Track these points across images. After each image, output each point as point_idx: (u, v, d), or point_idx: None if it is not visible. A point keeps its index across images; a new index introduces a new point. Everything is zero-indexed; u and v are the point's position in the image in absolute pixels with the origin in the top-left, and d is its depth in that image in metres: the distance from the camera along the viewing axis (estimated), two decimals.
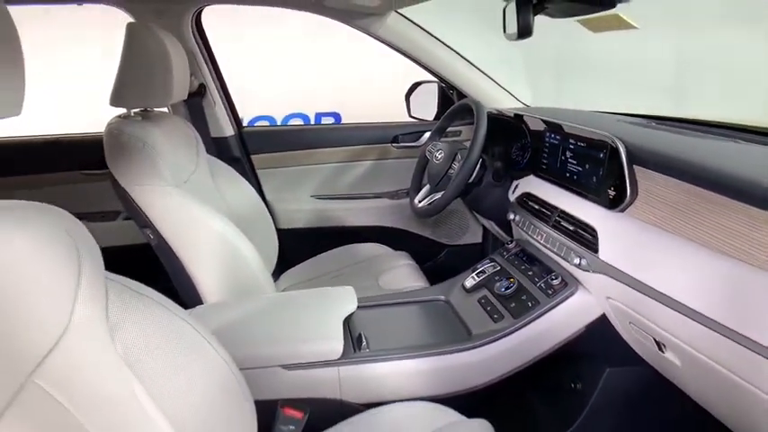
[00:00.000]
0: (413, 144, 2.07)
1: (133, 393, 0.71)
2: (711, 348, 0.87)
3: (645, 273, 1.00)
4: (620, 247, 1.08)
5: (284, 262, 1.93)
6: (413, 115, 2.07)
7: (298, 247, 1.99)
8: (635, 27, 1.12)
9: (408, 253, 1.91)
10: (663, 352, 1.02)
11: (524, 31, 1.06)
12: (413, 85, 2.06)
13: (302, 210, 2.08)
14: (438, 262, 2.16)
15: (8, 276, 0.60)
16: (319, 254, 1.95)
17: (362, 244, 1.95)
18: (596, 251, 1.12)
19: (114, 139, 1.31)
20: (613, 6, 1.04)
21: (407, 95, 2.07)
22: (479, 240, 2.17)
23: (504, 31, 1.22)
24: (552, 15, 1.17)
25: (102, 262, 0.75)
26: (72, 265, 0.66)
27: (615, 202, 1.10)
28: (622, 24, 1.12)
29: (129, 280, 0.79)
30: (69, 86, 2.97)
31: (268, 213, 1.89)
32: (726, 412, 0.97)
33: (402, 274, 1.74)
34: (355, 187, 2.11)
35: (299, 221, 2.07)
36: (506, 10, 1.19)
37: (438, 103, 2.05)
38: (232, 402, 0.89)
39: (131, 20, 1.72)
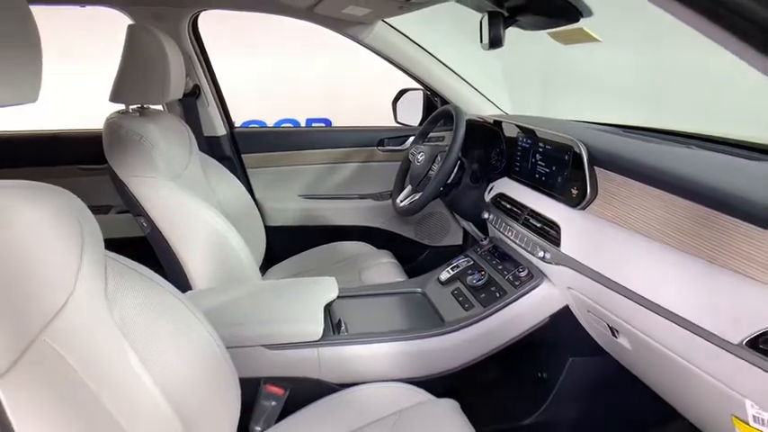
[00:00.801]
0: (398, 148, 2.17)
1: (126, 358, 0.79)
2: (659, 332, 0.96)
3: (601, 264, 1.09)
4: (579, 241, 1.18)
5: (271, 257, 2.01)
6: (399, 121, 2.16)
7: (284, 244, 2.07)
8: (598, 40, 1.22)
9: (391, 252, 2.00)
10: (616, 337, 1.11)
11: (495, 42, 1.16)
12: (399, 92, 2.16)
13: (290, 208, 2.16)
14: (419, 262, 2.24)
15: (19, 246, 0.68)
16: (305, 250, 2.03)
17: (347, 242, 2.04)
18: (559, 245, 1.21)
19: (113, 133, 1.39)
20: (577, 21, 1.15)
21: (394, 102, 2.17)
22: (460, 242, 2.25)
23: (481, 41, 1.32)
24: (524, 28, 1.28)
25: (103, 241, 0.83)
26: (76, 241, 0.75)
27: (577, 201, 1.19)
28: (586, 37, 1.23)
29: (127, 259, 0.88)
30: None
31: (257, 210, 1.97)
32: (670, 393, 1.06)
33: (383, 270, 1.82)
34: (341, 188, 2.20)
35: (286, 219, 2.15)
36: (482, 22, 1.29)
37: (423, 109, 2.15)
38: (218, 376, 0.97)
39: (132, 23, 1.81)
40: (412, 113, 2.15)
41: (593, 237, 1.15)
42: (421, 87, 2.11)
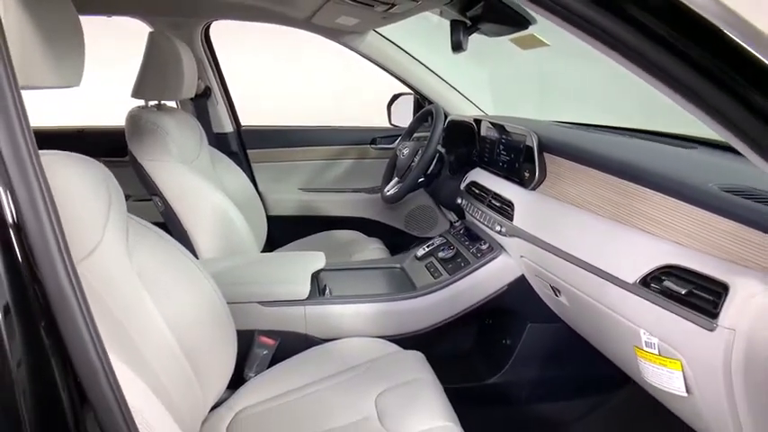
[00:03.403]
0: (388, 146, 2.37)
1: (144, 302, 0.97)
2: (585, 284, 1.14)
3: (544, 233, 1.28)
4: (528, 216, 1.37)
5: (272, 244, 2.21)
6: (393, 123, 2.36)
7: (284, 232, 2.27)
8: (547, 44, 1.41)
9: (381, 241, 2.19)
10: (558, 296, 1.30)
11: (457, 46, 1.36)
12: (393, 96, 2.36)
13: (290, 199, 2.37)
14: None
15: (67, 196, 0.87)
16: (302, 238, 2.23)
17: (341, 231, 2.24)
18: (512, 219, 1.40)
19: (134, 123, 1.62)
20: (527, 27, 1.35)
21: (389, 105, 2.37)
22: None
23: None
24: (486, 34, 1.48)
25: (125, 203, 1.03)
26: (104, 199, 0.95)
27: (529, 182, 1.39)
28: (538, 42, 1.43)
29: (145, 221, 1.07)
30: None
31: (260, 201, 2.18)
32: (598, 339, 1.24)
33: (372, 254, 2.01)
34: (337, 182, 2.41)
35: (286, 210, 2.36)
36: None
37: (414, 112, 2.35)
38: (219, 326, 1.16)
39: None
40: (404, 115, 2.36)
41: (539, 211, 1.34)
42: (411, 92, 2.32)
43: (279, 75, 3.99)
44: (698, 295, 0.84)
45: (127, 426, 0.64)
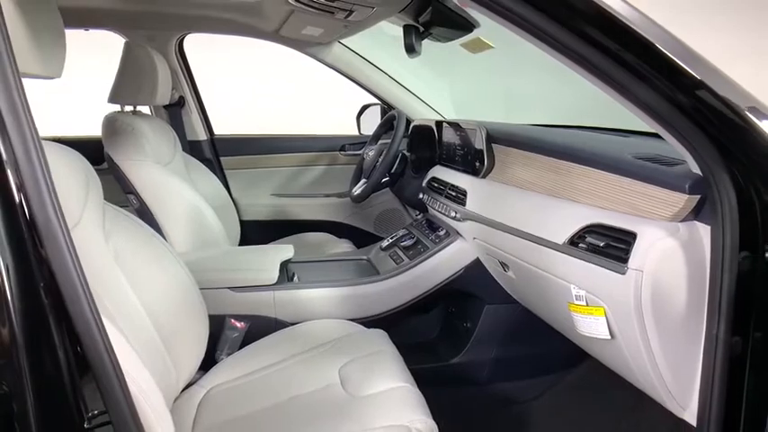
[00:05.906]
0: (357, 152, 2.49)
1: (120, 282, 1.04)
2: (528, 253, 1.24)
3: (493, 212, 1.40)
4: (479, 200, 1.49)
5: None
6: (362, 132, 2.48)
7: (257, 236, 2.35)
8: (492, 47, 1.55)
9: (351, 242, 2.29)
10: (506, 271, 1.41)
11: (409, 49, 1.49)
12: (362, 107, 2.48)
13: (262, 204, 2.46)
14: None
15: (57, 176, 0.95)
16: (275, 240, 2.31)
17: (312, 233, 2.33)
18: (465, 205, 1.52)
19: (111, 125, 1.71)
20: (471, 30, 1.49)
21: (358, 116, 2.49)
22: None
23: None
24: (438, 39, 1.61)
25: (102, 190, 1.10)
26: (83, 184, 1.03)
27: (479, 171, 1.51)
28: (485, 45, 1.56)
29: (121, 209, 1.15)
30: None
31: (233, 206, 2.27)
32: (541, 308, 1.35)
33: (342, 253, 2.10)
34: (309, 187, 2.51)
35: (259, 214, 2.45)
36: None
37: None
38: (193, 310, 1.23)
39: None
40: (372, 125, 2.48)
41: (488, 195, 1.46)
42: (378, 102, 2.44)
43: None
44: (613, 246, 0.96)
45: (117, 378, 0.71)
